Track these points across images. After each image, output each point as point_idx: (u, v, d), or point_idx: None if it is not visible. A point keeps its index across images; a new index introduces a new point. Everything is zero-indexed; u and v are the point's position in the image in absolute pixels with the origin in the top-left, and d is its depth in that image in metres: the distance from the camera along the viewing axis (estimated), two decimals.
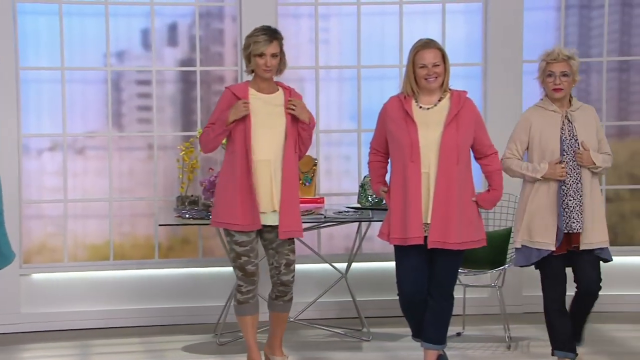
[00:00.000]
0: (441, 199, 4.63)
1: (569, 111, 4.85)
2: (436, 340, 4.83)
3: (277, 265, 4.93)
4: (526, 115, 4.92)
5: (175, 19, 6.51)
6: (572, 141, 4.80)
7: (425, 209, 4.66)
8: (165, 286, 6.38)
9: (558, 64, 4.80)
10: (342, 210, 5.90)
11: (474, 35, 6.57)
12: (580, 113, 4.87)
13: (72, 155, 6.39)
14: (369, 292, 6.42)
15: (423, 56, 4.65)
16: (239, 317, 4.99)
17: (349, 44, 6.57)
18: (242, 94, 4.84)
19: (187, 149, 6.13)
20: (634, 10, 6.68)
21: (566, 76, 4.80)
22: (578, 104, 4.91)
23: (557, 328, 4.85)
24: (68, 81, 6.34)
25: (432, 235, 4.64)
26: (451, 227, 4.65)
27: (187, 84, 6.50)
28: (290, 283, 4.94)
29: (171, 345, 5.87)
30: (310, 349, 5.74)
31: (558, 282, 4.83)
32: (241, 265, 4.90)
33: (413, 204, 4.64)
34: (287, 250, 4.92)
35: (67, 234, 6.33)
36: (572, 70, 4.81)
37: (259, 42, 4.79)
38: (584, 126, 4.84)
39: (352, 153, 6.60)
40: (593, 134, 4.84)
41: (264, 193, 4.82)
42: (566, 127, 4.83)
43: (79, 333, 6.18)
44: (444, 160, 4.62)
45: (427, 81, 4.67)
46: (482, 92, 6.53)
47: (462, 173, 4.67)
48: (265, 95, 4.88)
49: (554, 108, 4.86)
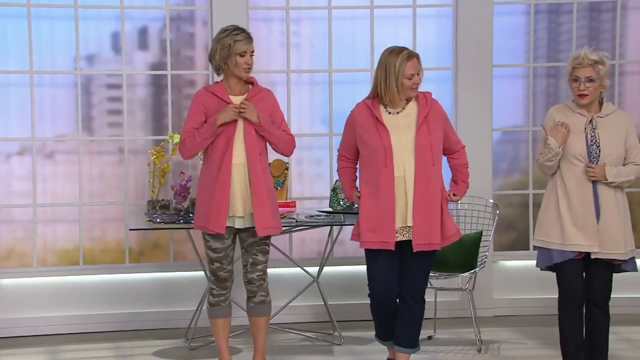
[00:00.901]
0: (421, 202, 4.65)
1: (595, 117, 4.68)
2: (408, 344, 4.84)
3: (246, 264, 4.96)
4: (550, 113, 4.77)
5: (145, 22, 6.49)
6: (592, 147, 4.64)
7: (402, 212, 4.68)
8: (136, 291, 6.35)
9: (583, 69, 4.62)
10: (313, 214, 5.90)
11: (444, 39, 6.61)
12: (610, 119, 4.67)
13: (41, 159, 6.34)
14: (341, 296, 6.42)
15: (411, 67, 4.68)
16: (210, 320, 4.98)
17: (320, 48, 6.58)
18: (220, 93, 4.82)
19: (158, 152, 6.11)
20: (601, 16, 6.75)
21: (592, 81, 4.61)
22: (610, 109, 4.71)
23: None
24: (37, 85, 6.29)
25: (416, 239, 4.66)
26: (434, 228, 4.68)
27: (158, 88, 6.48)
28: (255, 281, 4.92)
29: (142, 350, 5.84)
30: (282, 353, 5.73)
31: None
32: (213, 271, 4.92)
33: (387, 209, 4.66)
34: (255, 250, 4.92)
35: (36, 239, 6.28)
36: (600, 75, 4.62)
37: (239, 40, 4.78)
38: (610, 133, 4.65)
39: (323, 157, 6.60)
40: (619, 142, 4.66)
41: (241, 196, 4.82)
42: (589, 132, 4.66)
43: (48, 339, 6.13)
44: (421, 162, 4.65)
45: (412, 90, 4.70)
46: (453, 95, 6.56)
47: (437, 173, 4.71)
48: (237, 96, 4.87)
49: (580, 111, 4.69)
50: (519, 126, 6.73)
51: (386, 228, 4.66)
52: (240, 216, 4.83)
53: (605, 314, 4.77)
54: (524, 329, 6.23)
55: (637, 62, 6.75)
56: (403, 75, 4.67)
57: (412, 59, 4.69)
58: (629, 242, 4.72)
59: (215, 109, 4.80)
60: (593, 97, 4.66)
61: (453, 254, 5.80)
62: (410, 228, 4.69)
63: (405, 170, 4.67)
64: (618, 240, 4.66)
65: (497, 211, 6.01)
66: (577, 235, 4.65)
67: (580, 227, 4.64)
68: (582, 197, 4.65)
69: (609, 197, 4.66)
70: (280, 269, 6.32)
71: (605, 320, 4.78)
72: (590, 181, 4.64)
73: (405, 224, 4.69)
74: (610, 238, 4.66)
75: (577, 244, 4.65)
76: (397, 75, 4.67)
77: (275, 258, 6.12)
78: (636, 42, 6.74)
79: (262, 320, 4.97)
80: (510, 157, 6.82)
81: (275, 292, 6.20)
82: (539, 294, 6.52)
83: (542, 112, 6.70)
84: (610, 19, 6.72)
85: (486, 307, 6.51)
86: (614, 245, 4.66)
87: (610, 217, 4.66)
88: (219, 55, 4.80)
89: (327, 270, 6.22)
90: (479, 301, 6.32)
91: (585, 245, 4.64)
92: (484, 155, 6.50)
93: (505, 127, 6.73)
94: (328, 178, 6.53)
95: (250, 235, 4.89)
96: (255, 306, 4.97)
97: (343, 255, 6.52)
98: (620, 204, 4.69)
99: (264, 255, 4.94)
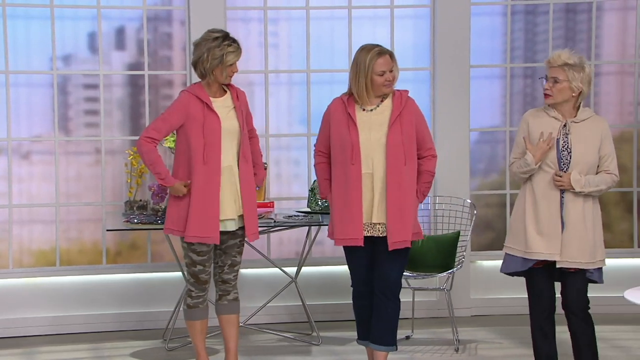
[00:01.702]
0: (394, 200, 4.66)
1: (569, 121, 4.52)
2: (381, 342, 4.79)
3: (222, 264, 4.93)
4: (524, 117, 4.64)
5: (122, 22, 6.46)
6: (563, 154, 4.50)
7: (368, 209, 4.69)
8: (113, 292, 6.32)
9: (552, 69, 4.49)
10: (292, 215, 5.90)
11: (422, 39, 6.62)
12: (585, 125, 4.51)
13: (17, 159, 6.30)
14: (319, 297, 6.42)
15: (382, 63, 4.68)
16: (188, 322, 4.96)
17: (298, 48, 6.58)
18: (204, 97, 4.76)
19: (135, 153, 6.08)
20: (577, 17, 6.79)
21: (557, 82, 4.47)
22: (586, 115, 4.54)
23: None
24: (13, 85, 6.25)
25: (392, 237, 4.67)
26: (407, 226, 4.68)
27: (135, 88, 6.45)
28: (231, 281, 4.93)
29: (119, 352, 5.82)
30: (260, 353, 5.73)
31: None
32: (195, 273, 4.88)
33: (354, 206, 4.67)
34: (235, 252, 4.92)
35: (12, 240, 6.24)
36: (568, 78, 4.46)
37: (231, 52, 4.73)
38: (583, 140, 4.49)
39: (301, 157, 6.60)
40: (592, 150, 4.49)
41: (230, 200, 4.79)
42: (562, 137, 4.51)
43: (24, 340, 6.10)
44: (392, 160, 4.65)
45: (384, 87, 4.70)
46: (431, 96, 6.58)
47: (410, 173, 4.70)
48: (219, 99, 4.85)
49: (554, 114, 4.55)
50: (496, 126, 6.75)
51: (354, 224, 4.67)
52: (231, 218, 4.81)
53: (585, 323, 4.59)
54: (501, 328, 6.25)
55: (612, 62, 6.80)
56: (374, 72, 4.67)
57: (384, 55, 4.69)
58: (599, 252, 4.55)
59: (198, 113, 4.74)
60: (557, 99, 4.50)
61: (431, 254, 5.82)
62: (375, 225, 4.70)
63: (374, 167, 4.67)
64: (583, 249, 4.51)
65: (475, 211, 6.03)
66: (539, 244, 4.52)
67: (544, 234, 4.52)
68: (548, 204, 4.53)
69: (576, 206, 4.51)
70: (259, 270, 6.31)
71: (587, 330, 4.60)
72: (558, 189, 4.52)
73: (370, 220, 4.70)
74: (574, 247, 4.51)
75: (538, 252, 4.53)
76: (366, 72, 4.67)
77: (253, 259, 6.12)
78: (611, 43, 6.79)
79: (235, 317, 4.96)
80: (488, 158, 6.84)
81: (253, 292, 6.22)
82: (516, 294, 6.53)
83: (520, 112, 6.73)
84: (586, 20, 6.76)
85: (464, 307, 6.53)
86: (579, 255, 4.51)
87: (576, 226, 4.51)
88: (209, 64, 4.72)
89: (305, 271, 6.22)
90: (457, 301, 6.34)
91: (545, 254, 4.52)
92: (461, 156, 6.52)
93: (483, 128, 6.75)
94: (306, 178, 6.53)
95: (231, 237, 4.88)
96: (229, 303, 4.95)
97: (321, 255, 6.52)
98: (588, 213, 4.53)
99: (240, 255, 4.95)
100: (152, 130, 4.77)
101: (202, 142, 4.72)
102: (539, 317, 4.65)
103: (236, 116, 4.83)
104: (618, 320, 6.18)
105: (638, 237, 6.75)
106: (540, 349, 4.68)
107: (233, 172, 4.80)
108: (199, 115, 4.73)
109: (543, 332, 4.65)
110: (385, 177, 4.66)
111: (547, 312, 4.64)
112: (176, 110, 4.77)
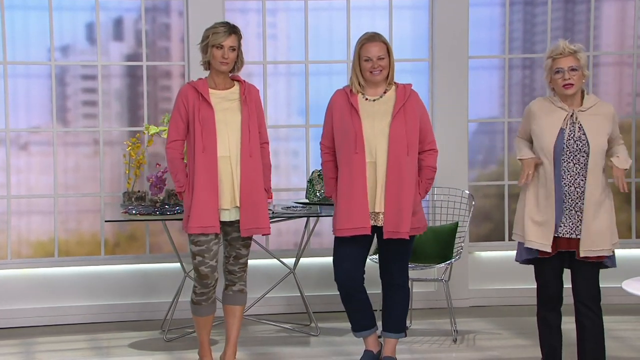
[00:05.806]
0: (393, 190, 4.67)
1: (577, 111, 4.52)
2: (395, 329, 4.91)
3: (228, 255, 4.96)
4: (531, 108, 4.61)
5: (120, 13, 6.45)
6: (575, 142, 4.48)
7: (372, 197, 4.70)
8: (112, 283, 6.33)
9: (565, 59, 4.50)
10: (290, 206, 5.90)
11: (420, 30, 6.62)
12: (592, 112, 4.52)
13: (15, 151, 6.30)
14: (317, 287, 6.43)
15: (368, 49, 4.71)
16: (192, 315, 4.99)
17: (296, 39, 6.57)
18: (202, 88, 4.80)
19: (133, 144, 6.08)
20: (576, 7, 6.78)
21: (575, 70, 4.49)
22: (592, 102, 4.56)
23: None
24: (11, 76, 6.24)
25: (386, 226, 4.68)
26: (404, 217, 4.69)
27: (134, 79, 6.45)
28: (237, 272, 4.94)
29: (118, 342, 5.82)
30: (258, 344, 5.74)
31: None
32: (195, 266, 4.87)
33: (358, 194, 4.68)
34: (239, 244, 4.92)
35: (10, 231, 6.24)
36: (580, 65, 4.51)
37: (218, 33, 4.77)
38: (594, 127, 4.50)
39: (300, 148, 6.60)
40: (603, 135, 4.50)
41: (226, 190, 4.80)
42: (569, 127, 4.50)
43: (23, 331, 6.10)
44: (394, 150, 4.67)
45: (372, 74, 4.71)
46: (429, 87, 6.58)
47: (411, 164, 4.71)
48: (221, 91, 4.85)
49: (562, 105, 4.54)
50: (494, 117, 6.75)
51: (359, 213, 4.68)
52: (226, 209, 4.81)
53: (594, 314, 4.55)
54: (499, 319, 6.26)
55: (612, 53, 6.80)
56: (361, 58, 4.70)
57: (372, 42, 4.71)
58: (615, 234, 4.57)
59: (195, 105, 4.78)
60: (577, 87, 4.52)
61: (429, 245, 5.82)
62: (378, 214, 4.71)
63: (377, 156, 4.68)
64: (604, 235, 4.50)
65: (473, 202, 6.04)
66: (535, 233, 4.52)
67: (540, 224, 4.52)
68: (546, 194, 4.52)
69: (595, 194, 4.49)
70: (257, 261, 6.31)
71: (595, 321, 4.56)
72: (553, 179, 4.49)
73: (374, 209, 4.71)
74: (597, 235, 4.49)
75: (532, 241, 4.53)
76: (358, 59, 4.73)
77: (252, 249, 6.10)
78: (610, 34, 6.79)
79: (238, 308, 4.97)
80: (486, 149, 6.84)
81: (252, 283, 6.21)
82: (514, 285, 6.56)
83: (518, 103, 6.73)
84: (584, 11, 6.75)
85: (462, 297, 6.54)
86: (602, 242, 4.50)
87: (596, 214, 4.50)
88: (201, 45, 4.83)
89: (303, 262, 6.23)
90: (455, 292, 6.35)
91: (537, 243, 4.52)
92: (459, 147, 6.52)
93: (481, 119, 6.75)
94: (304, 169, 6.53)
95: (234, 229, 4.89)
96: (234, 294, 4.97)
97: (320, 246, 6.53)
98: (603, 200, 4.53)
99: (247, 249, 4.95)
100: (171, 133, 4.86)
101: (200, 131, 4.75)
102: (543, 307, 4.65)
103: (240, 109, 4.82)
104: (616, 310, 6.19)
105: (636, 228, 6.76)
106: (544, 339, 4.68)
107: (231, 163, 4.79)
108: (194, 105, 4.78)
109: (547, 322, 4.65)
110: (387, 166, 4.66)
111: (553, 303, 4.63)
112: (177, 104, 4.86)
